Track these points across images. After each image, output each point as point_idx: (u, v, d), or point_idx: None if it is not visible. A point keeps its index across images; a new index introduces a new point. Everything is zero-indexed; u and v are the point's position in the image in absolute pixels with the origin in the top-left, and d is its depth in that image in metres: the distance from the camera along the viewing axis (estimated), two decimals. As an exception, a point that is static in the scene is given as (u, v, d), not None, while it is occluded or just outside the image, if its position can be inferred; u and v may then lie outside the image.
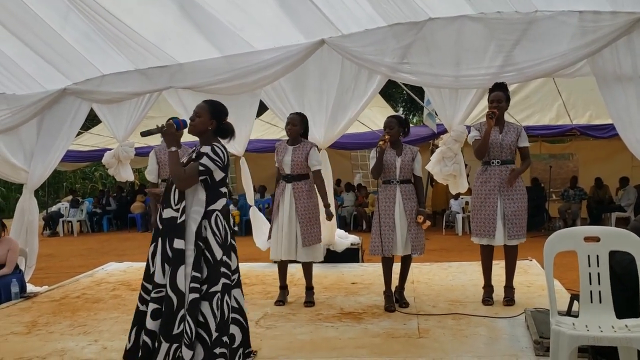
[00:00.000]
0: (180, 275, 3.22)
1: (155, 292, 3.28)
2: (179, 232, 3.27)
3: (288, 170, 4.99)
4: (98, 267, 7.48)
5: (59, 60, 5.79)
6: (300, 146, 5.00)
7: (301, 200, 4.93)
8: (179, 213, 3.29)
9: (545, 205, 12.10)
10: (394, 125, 4.78)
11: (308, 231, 4.94)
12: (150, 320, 3.26)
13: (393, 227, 4.74)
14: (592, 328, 2.82)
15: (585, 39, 4.38)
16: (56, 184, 21.99)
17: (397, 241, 4.73)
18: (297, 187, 4.97)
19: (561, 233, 3.08)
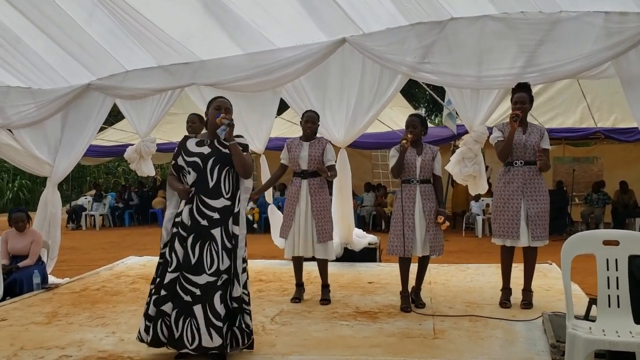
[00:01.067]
0: (239, 258, 3.59)
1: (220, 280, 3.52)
2: (236, 219, 3.60)
3: (304, 166, 5.00)
4: (118, 261, 7.57)
5: (84, 56, 5.88)
6: (316, 142, 5.04)
7: (316, 197, 4.96)
8: (235, 201, 3.62)
9: (567, 208, 11.95)
10: (417, 125, 4.75)
11: (323, 227, 4.97)
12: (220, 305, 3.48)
13: (413, 227, 4.72)
14: (609, 333, 2.78)
15: (610, 40, 4.33)
16: (80, 179, 22.33)
17: (417, 241, 4.72)
18: (312, 183, 4.99)
19: (580, 236, 3.05)
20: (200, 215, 3.56)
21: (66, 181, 17.47)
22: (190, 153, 3.65)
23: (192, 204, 3.58)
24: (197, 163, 3.61)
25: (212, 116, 3.67)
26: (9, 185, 21.74)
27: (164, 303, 3.55)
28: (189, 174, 3.62)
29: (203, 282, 3.49)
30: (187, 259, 3.54)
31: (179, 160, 3.69)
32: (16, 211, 6.00)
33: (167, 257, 3.63)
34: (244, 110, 6.61)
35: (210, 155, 3.61)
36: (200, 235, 3.54)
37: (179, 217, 3.64)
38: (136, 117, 6.80)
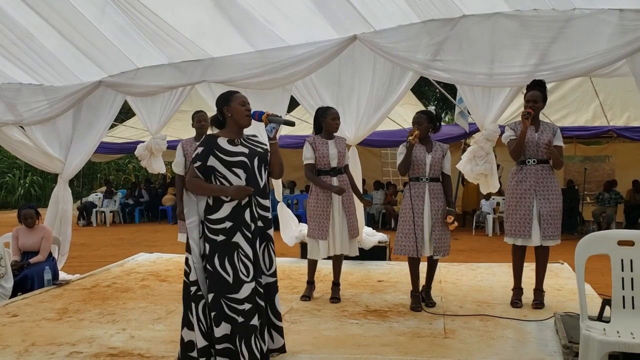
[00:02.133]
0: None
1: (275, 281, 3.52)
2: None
3: (334, 163, 4.96)
4: (128, 257, 7.60)
5: (96, 53, 5.90)
6: (338, 140, 5.05)
7: (347, 193, 4.97)
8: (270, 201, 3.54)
9: (578, 207, 11.87)
10: (422, 121, 4.71)
11: (353, 224, 5.02)
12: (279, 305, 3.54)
13: (422, 227, 4.68)
14: (623, 334, 2.75)
15: (625, 38, 4.28)
16: (91, 175, 22.45)
17: (425, 241, 4.68)
18: (341, 180, 4.99)
19: (594, 236, 3.01)
20: (258, 217, 3.40)
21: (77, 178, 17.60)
22: (230, 152, 3.34)
23: (251, 206, 3.36)
24: (245, 163, 3.35)
25: (243, 113, 3.41)
26: (20, 182, 21.89)
27: (252, 317, 3.27)
28: (234, 175, 3.33)
29: (264, 284, 3.41)
30: (257, 263, 3.37)
31: (210, 161, 3.34)
32: (25, 207, 6.03)
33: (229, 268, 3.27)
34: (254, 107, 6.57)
35: (254, 154, 3.40)
36: (262, 237, 3.42)
37: (223, 224, 3.29)
38: (147, 114, 6.81)
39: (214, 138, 3.41)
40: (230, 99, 3.44)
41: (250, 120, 3.45)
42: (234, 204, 3.31)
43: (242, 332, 3.21)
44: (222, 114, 3.47)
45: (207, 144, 3.38)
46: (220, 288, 3.26)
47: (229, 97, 3.47)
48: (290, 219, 7.20)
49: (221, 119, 3.49)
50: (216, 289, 3.26)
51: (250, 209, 3.35)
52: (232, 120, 3.43)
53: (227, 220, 3.30)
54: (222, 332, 3.24)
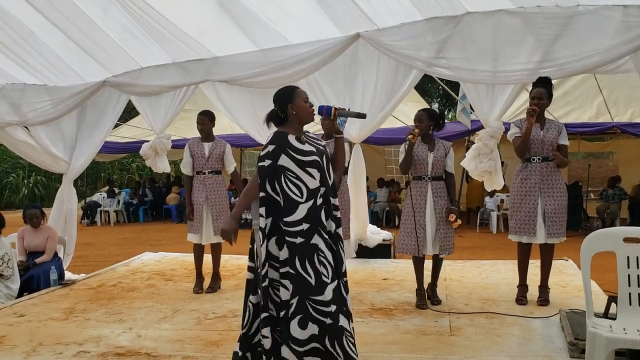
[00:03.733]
0: None
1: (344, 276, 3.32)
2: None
3: None
4: (134, 257, 7.62)
5: (99, 53, 5.91)
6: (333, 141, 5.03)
7: (341, 196, 4.93)
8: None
9: (583, 204, 11.84)
10: (423, 119, 4.69)
11: (344, 226, 4.96)
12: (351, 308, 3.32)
13: (424, 226, 4.67)
14: (630, 331, 2.75)
15: (629, 34, 4.27)
16: (94, 175, 22.49)
17: (428, 240, 4.68)
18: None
19: (600, 233, 3.01)
20: (332, 218, 3.22)
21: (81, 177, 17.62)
22: (302, 151, 3.15)
23: (328, 205, 3.20)
24: (318, 161, 3.17)
25: (308, 109, 3.25)
26: (25, 182, 21.94)
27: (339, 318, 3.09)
28: (308, 175, 3.13)
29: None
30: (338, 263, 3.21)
31: (282, 160, 3.13)
32: (30, 207, 6.05)
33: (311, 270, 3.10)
34: (258, 106, 6.60)
35: (321, 152, 3.23)
36: (335, 237, 3.23)
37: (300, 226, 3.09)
38: (151, 114, 6.82)
39: (284, 135, 3.20)
40: (294, 95, 3.26)
41: (313, 117, 3.30)
42: (309, 205, 3.12)
43: (331, 334, 3.04)
44: (284, 111, 3.26)
45: (278, 142, 3.17)
46: (304, 290, 3.07)
47: (291, 93, 3.27)
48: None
49: (282, 115, 3.29)
50: (300, 291, 3.07)
51: (326, 210, 3.18)
52: (295, 117, 3.25)
53: (304, 222, 3.10)
54: (308, 334, 3.05)
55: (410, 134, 4.58)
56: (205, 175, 5.45)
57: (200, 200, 5.41)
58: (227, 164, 5.56)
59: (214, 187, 5.46)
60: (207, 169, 5.45)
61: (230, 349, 3.79)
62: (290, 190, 3.12)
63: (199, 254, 5.58)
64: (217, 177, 5.50)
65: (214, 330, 4.25)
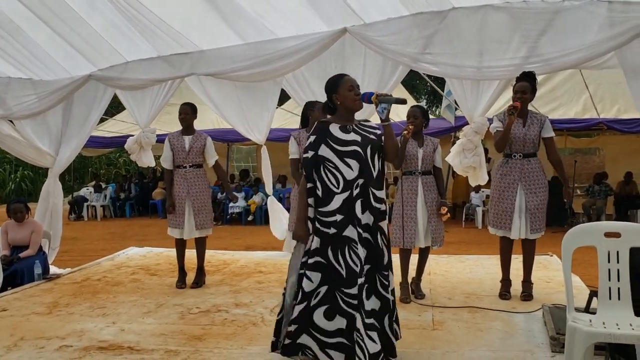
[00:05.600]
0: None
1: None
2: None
3: None
4: (119, 252, 7.58)
5: (85, 47, 5.86)
6: None
7: None
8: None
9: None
10: (418, 115, 4.74)
11: None
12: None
13: (415, 219, 4.71)
14: (609, 325, 2.76)
15: (613, 30, 4.28)
16: (81, 169, 22.33)
17: (419, 233, 4.72)
18: None
19: (581, 228, 3.02)
20: (371, 210, 3.17)
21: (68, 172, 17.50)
22: (342, 141, 3.16)
23: (367, 197, 3.16)
24: (358, 152, 3.15)
25: (352, 98, 3.21)
26: (11, 177, 21.73)
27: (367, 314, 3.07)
28: (346, 166, 3.14)
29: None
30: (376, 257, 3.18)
31: (321, 150, 3.17)
32: (14, 202, 6.00)
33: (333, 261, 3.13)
34: (244, 101, 6.59)
35: (367, 142, 3.19)
36: (374, 230, 3.18)
37: (334, 216, 3.12)
38: (136, 108, 6.78)
39: (326, 125, 3.25)
40: (339, 84, 3.25)
41: (361, 104, 3.26)
42: (345, 196, 3.13)
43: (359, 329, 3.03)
44: (332, 100, 3.29)
45: (319, 132, 3.22)
46: (335, 281, 3.10)
47: (337, 82, 3.27)
48: (281, 213, 7.21)
49: (331, 105, 3.32)
50: (331, 282, 3.10)
51: (363, 201, 3.15)
52: (341, 106, 3.26)
53: (338, 213, 3.12)
54: (336, 326, 3.08)
55: (405, 130, 4.60)
56: (186, 169, 5.42)
57: (182, 195, 5.38)
58: (207, 156, 5.52)
59: (195, 181, 5.42)
60: (188, 162, 5.42)
61: (213, 344, 3.80)
62: (328, 180, 3.16)
63: (181, 248, 5.55)
64: (198, 171, 5.46)
65: (197, 324, 4.24)
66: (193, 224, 5.40)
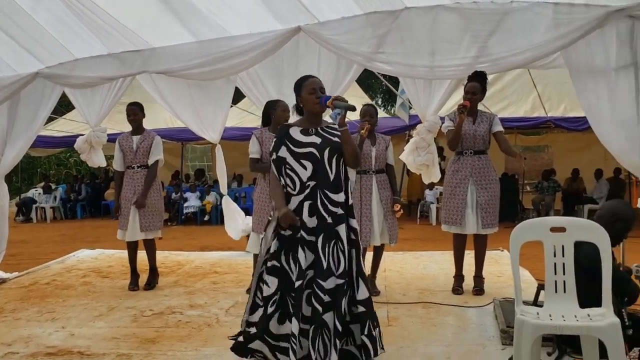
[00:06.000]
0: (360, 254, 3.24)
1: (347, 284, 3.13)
2: (352, 213, 3.25)
3: None
4: (70, 254, 7.39)
5: (32, 44, 5.66)
6: None
7: None
8: (347, 194, 3.21)
9: (519, 196, 12.23)
10: (373, 114, 4.81)
11: None
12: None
13: (370, 218, 4.76)
14: (555, 317, 2.85)
15: (559, 31, 4.40)
16: (30, 170, 21.66)
17: (375, 231, 4.75)
18: None
19: (527, 223, 3.10)
20: (326, 212, 3.10)
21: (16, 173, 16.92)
22: (300, 143, 3.16)
23: (314, 200, 3.11)
24: (313, 154, 3.14)
25: (312, 101, 3.19)
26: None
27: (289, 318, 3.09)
28: (302, 168, 3.13)
29: (332, 287, 3.04)
30: (319, 263, 3.07)
31: (281, 152, 3.18)
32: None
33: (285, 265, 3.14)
34: (197, 100, 6.49)
35: (325, 145, 3.16)
36: (328, 235, 3.09)
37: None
38: (86, 107, 6.61)
39: (287, 128, 3.27)
40: (302, 86, 3.25)
41: (322, 108, 3.21)
42: (300, 198, 3.13)
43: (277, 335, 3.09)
44: (297, 102, 3.30)
45: (280, 134, 3.24)
46: (287, 285, 3.10)
47: (300, 85, 3.27)
48: (236, 213, 7.13)
49: (299, 107, 3.32)
50: (284, 287, 3.11)
51: (311, 204, 3.11)
52: (305, 109, 3.27)
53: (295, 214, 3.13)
54: (285, 331, 3.08)
55: (362, 129, 4.63)
56: (134, 169, 5.33)
57: (128, 196, 5.29)
58: (150, 154, 5.41)
59: (142, 182, 5.32)
60: (136, 163, 5.34)
61: (167, 346, 3.74)
62: (287, 182, 3.18)
63: (133, 250, 5.45)
64: (146, 172, 5.37)
65: (150, 327, 4.17)
66: (137, 226, 5.29)
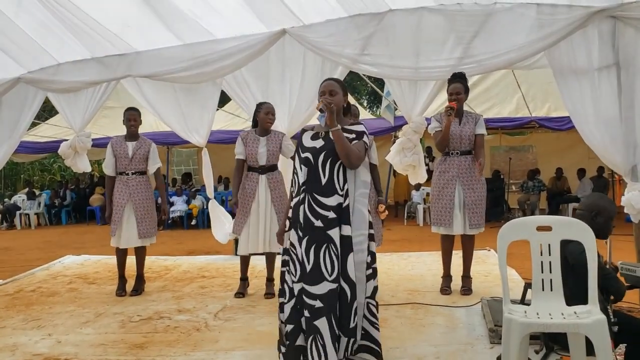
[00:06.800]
0: (350, 263, 3.07)
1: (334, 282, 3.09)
2: (345, 218, 3.11)
3: (263, 161, 4.97)
4: (55, 260, 7.31)
5: (13, 48, 5.61)
6: (273, 137, 5.02)
7: (276, 191, 4.98)
8: (344, 197, 3.13)
9: (504, 196, 12.32)
10: (357, 114, 4.82)
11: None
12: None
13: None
14: (542, 315, 2.87)
15: (542, 32, 4.44)
16: (13, 176, 21.42)
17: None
18: (271, 177, 4.99)
19: (514, 222, 3.12)
20: (314, 216, 3.10)
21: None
22: (304, 148, 3.24)
23: (304, 204, 3.14)
24: (308, 159, 3.18)
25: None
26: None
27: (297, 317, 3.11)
28: (301, 172, 3.20)
29: (324, 292, 3.01)
30: (303, 267, 3.08)
31: (295, 157, 3.30)
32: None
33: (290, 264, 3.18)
34: (183, 103, 6.48)
35: (322, 149, 3.18)
36: (315, 238, 3.08)
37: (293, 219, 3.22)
38: (70, 112, 6.57)
39: (302, 132, 3.38)
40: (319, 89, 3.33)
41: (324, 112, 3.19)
42: (296, 201, 3.19)
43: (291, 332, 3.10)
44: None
45: (298, 140, 3.37)
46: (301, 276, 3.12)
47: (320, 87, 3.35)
48: (223, 216, 7.12)
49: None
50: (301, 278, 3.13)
51: (304, 207, 3.13)
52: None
53: (293, 214, 3.22)
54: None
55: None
56: (129, 176, 5.29)
57: (122, 202, 5.24)
58: (150, 163, 5.40)
59: (138, 189, 5.29)
60: (131, 169, 5.29)
61: (155, 351, 3.72)
62: (292, 184, 3.30)
63: (122, 256, 5.41)
64: (141, 178, 5.34)
65: (138, 333, 4.14)
66: (133, 233, 5.25)
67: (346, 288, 3.05)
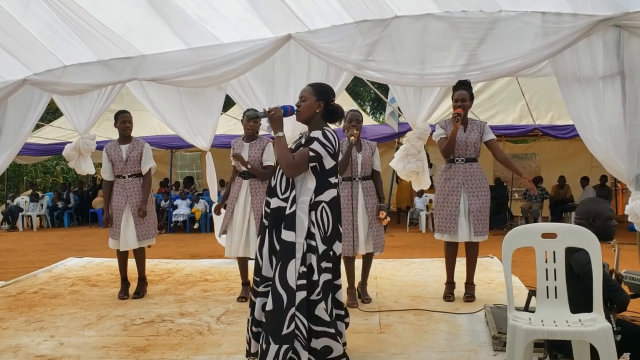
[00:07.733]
0: (291, 270, 3.04)
1: (264, 287, 3.16)
2: (288, 224, 3.11)
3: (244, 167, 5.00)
4: (57, 262, 7.32)
5: (20, 50, 5.64)
6: (257, 142, 5.05)
7: (257, 197, 4.99)
8: (288, 203, 3.13)
9: (507, 204, 12.31)
10: (361, 120, 4.82)
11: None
12: (260, 312, 3.17)
13: (356, 226, 4.73)
14: (547, 322, 2.87)
15: (547, 40, 4.45)
16: (16, 178, 21.45)
17: (360, 239, 4.73)
18: (253, 183, 5.01)
19: (519, 230, 3.12)
20: (264, 215, 3.27)
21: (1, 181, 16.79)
22: None
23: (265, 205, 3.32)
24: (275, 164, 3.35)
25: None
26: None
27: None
28: None
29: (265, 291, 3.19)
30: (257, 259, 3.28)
31: None
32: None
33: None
34: (188, 107, 6.50)
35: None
36: (263, 237, 3.24)
37: None
38: (74, 114, 6.58)
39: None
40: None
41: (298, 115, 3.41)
42: None
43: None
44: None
45: None
46: None
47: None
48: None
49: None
50: None
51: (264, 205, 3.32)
52: None
53: None
54: None
55: (351, 135, 4.63)
56: (125, 179, 5.31)
57: (120, 205, 5.26)
58: (142, 163, 5.39)
59: (135, 191, 5.31)
60: (127, 172, 5.31)
61: (158, 354, 3.72)
62: None
63: (123, 259, 5.42)
64: (138, 181, 5.36)
65: (140, 335, 4.13)
66: (134, 235, 5.26)
67: (282, 294, 3.02)
